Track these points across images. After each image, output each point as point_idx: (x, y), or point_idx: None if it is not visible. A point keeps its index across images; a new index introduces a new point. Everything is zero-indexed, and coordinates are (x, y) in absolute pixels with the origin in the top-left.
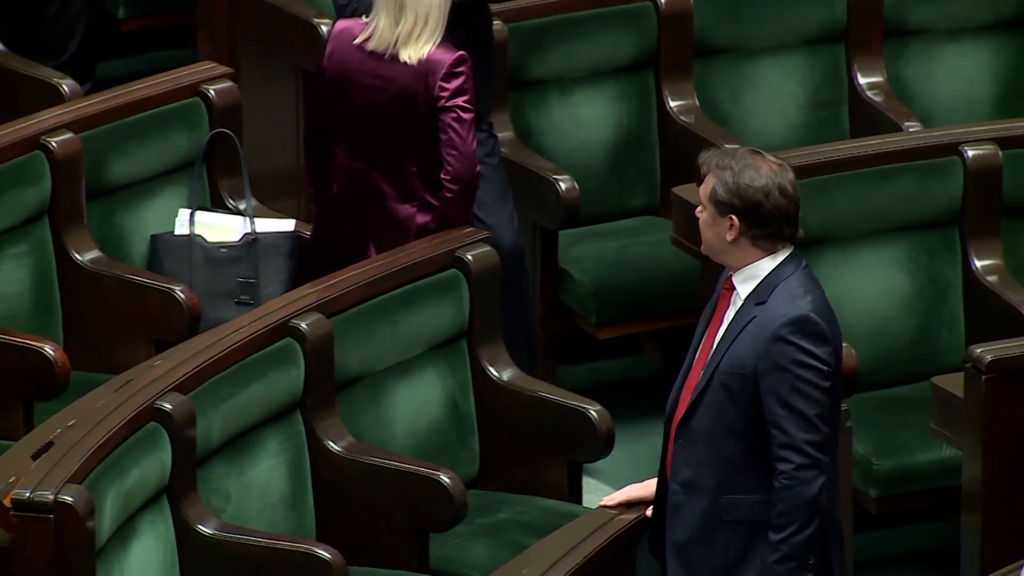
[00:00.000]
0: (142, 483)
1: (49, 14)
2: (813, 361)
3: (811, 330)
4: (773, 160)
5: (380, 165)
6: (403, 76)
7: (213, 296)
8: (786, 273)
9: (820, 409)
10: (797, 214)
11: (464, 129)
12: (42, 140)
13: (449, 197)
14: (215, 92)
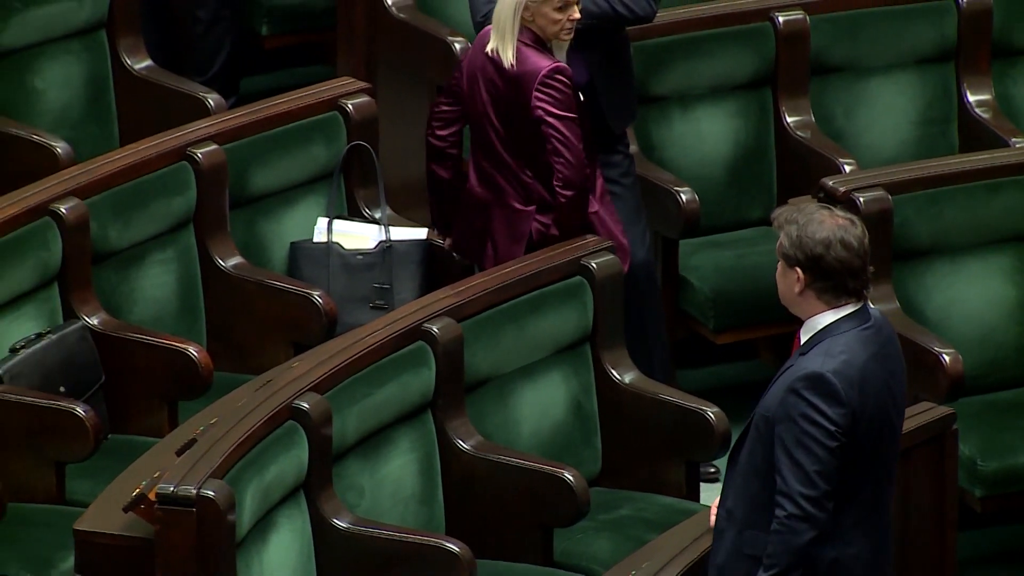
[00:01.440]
0: (280, 479)
1: (196, 33)
2: (820, 419)
3: (824, 390)
4: (841, 215)
5: (501, 166)
6: (507, 84)
7: (349, 301)
8: (841, 329)
9: (820, 466)
10: (864, 269)
11: (567, 138)
12: (188, 151)
13: (563, 203)
14: (353, 106)
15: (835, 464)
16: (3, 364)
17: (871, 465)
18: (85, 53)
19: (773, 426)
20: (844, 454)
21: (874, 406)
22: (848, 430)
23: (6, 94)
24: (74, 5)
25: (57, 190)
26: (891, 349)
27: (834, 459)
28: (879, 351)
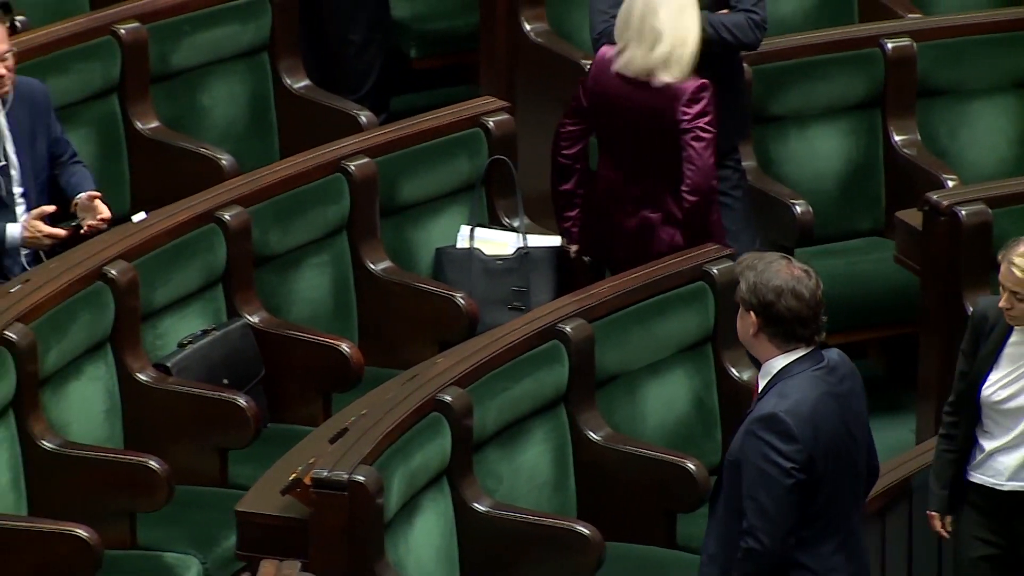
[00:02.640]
0: (425, 466)
1: (350, 55)
2: (776, 456)
3: (778, 428)
4: (798, 267)
5: (633, 177)
6: (653, 100)
7: (489, 303)
8: (793, 372)
9: (778, 502)
10: (814, 318)
11: (702, 147)
12: (342, 164)
13: (689, 208)
14: (494, 123)
15: (793, 499)
16: (172, 358)
17: (835, 494)
18: (249, 73)
19: (739, 468)
20: (805, 488)
21: (829, 440)
22: (805, 465)
23: (177, 111)
24: (239, 29)
25: (222, 199)
26: (846, 387)
27: (792, 494)
28: (832, 390)
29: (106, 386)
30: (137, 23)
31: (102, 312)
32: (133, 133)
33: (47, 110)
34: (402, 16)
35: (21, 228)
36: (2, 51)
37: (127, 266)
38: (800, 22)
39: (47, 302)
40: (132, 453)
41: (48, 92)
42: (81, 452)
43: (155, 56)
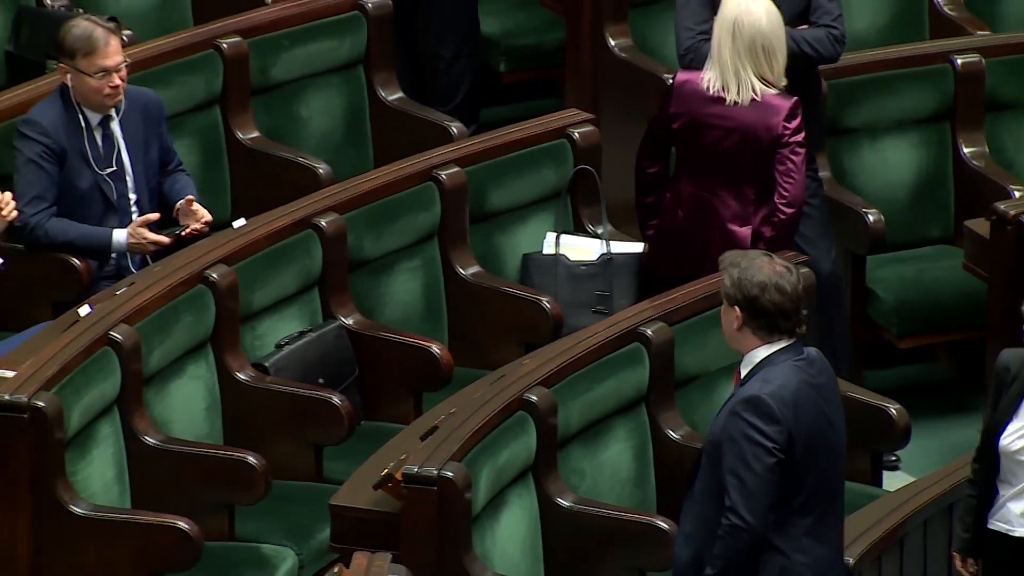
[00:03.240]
0: (511, 462)
1: (440, 68)
2: (759, 436)
3: (762, 410)
4: (781, 263)
5: (722, 193)
6: (748, 117)
7: (574, 306)
8: (775, 362)
9: (760, 479)
10: (795, 311)
11: (799, 162)
12: (434, 173)
13: (782, 219)
14: (579, 135)
15: (774, 478)
16: (270, 358)
17: (811, 480)
18: (345, 86)
19: (720, 448)
20: (784, 469)
21: (809, 425)
22: (785, 446)
23: (276, 121)
24: (335, 44)
25: (319, 206)
26: (823, 380)
27: (773, 473)
28: (810, 380)
29: (207, 385)
30: (239, 38)
31: (204, 314)
32: (234, 143)
33: (159, 119)
34: (492, 32)
35: (127, 234)
36: (117, 62)
37: (228, 270)
38: (874, 38)
39: (151, 304)
40: (231, 449)
41: (161, 102)
42: (182, 448)
43: (255, 69)
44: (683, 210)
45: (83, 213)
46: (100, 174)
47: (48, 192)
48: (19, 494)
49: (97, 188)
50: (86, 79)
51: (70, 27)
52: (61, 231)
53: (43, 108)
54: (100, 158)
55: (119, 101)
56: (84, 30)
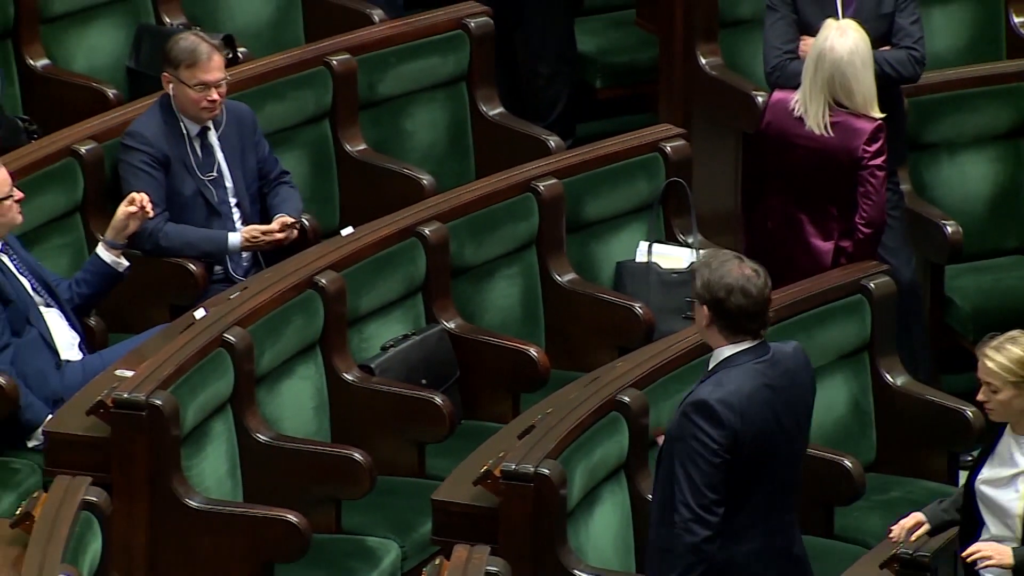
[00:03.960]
0: (604, 460)
1: (539, 85)
2: (704, 438)
3: (708, 414)
4: (750, 266)
5: (807, 209)
6: (832, 140)
7: (665, 312)
8: (736, 362)
9: (706, 478)
10: (760, 314)
11: (879, 183)
12: (532, 184)
13: (861, 238)
14: (671, 148)
15: (720, 476)
16: (375, 360)
17: (761, 477)
18: (448, 101)
19: (673, 445)
20: (729, 468)
21: (759, 427)
22: (730, 448)
23: (383, 134)
24: (439, 61)
25: (423, 215)
26: (785, 382)
27: (718, 472)
28: (768, 382)
29: (315, 385)
30: (348, 55)
31: (313, 317)
32: (342, 155)
33: (254, 130)
34: (588, 50)
35: (240, 235)
36: (217, 78)
37: (336, 276)
38: (953, 58)
39: (263, 308)
40: (338, 446)
41: (255, 114)
42: (292, 444)
43: (363, 85)
44: (771, 222)
45: (188, 218)
46: (202, 180)
47: (159, 198)
48: (137, 488)
49: (199, 194)
50: (186, 90)
51: (178, 39)
52: (179, 234)
53: (145, 120)
54: (201, 165)
55: (215, 115)
56: (190, 43)
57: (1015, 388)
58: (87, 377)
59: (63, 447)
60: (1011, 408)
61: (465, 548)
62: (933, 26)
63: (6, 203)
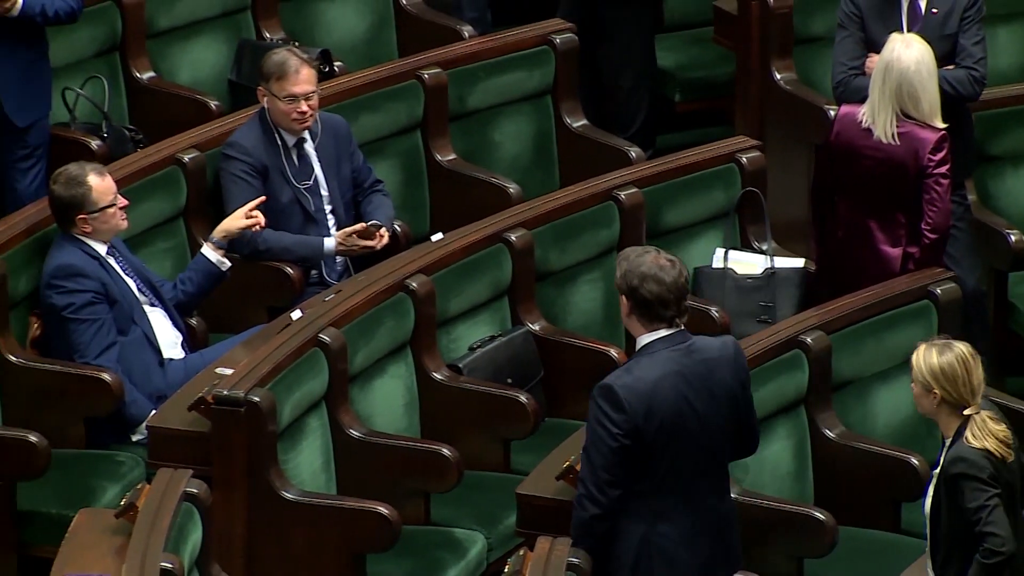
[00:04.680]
0: None
1: (621, 98)
2: (606, 422)
3: (609, 398)
4: (665, 257)
5: (876, 217)
6: (896, 149)
7: (740, 315)
8: (652, 349)
9: (603, 459)
10: (675, 302)
11: (943, 191)
12: (614, 193)
13: (927, 243)
14: (746, 159)
15: (617, 459)
16: (463, 360)
17: (676, 461)
18: (534, 113)
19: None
20: (630, 451)
21: (666, 413)
22: (630, 432)
23: (471, 144)
24: (526, 75)
25: (509, 222)
26: (704, 369)
27: (615, 455)
28: (682, 369)
29: (406, 383)
30: (439, 69)
31: (403, 319)
32: (433, 164)
33: (349, 140)
34: (667, 65)
35: (334, 241)
36: (306, 91)
37: (426, 279)
38: (1016, 74)
39: (356, 309)
40: (427, 442)
41: (348, 125)
42: (383, 440)
43: (453, 97)
44: (841, 231)
45: (285, 224)
46: (298, 188)
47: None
48: (235, 481)
49: (296, 202)
50: (277, 102)
51: (270, 55)
52: (277, 239)
53: (244, 131)
54: (297, 174)
55: (307, 126)
56: (280, 57)
57: (922, 389)
58: (189, 375)
59: (165, 441)
60: (922, 405)
61: (548, 540)
62: (998, 43)
63: (110, 210)
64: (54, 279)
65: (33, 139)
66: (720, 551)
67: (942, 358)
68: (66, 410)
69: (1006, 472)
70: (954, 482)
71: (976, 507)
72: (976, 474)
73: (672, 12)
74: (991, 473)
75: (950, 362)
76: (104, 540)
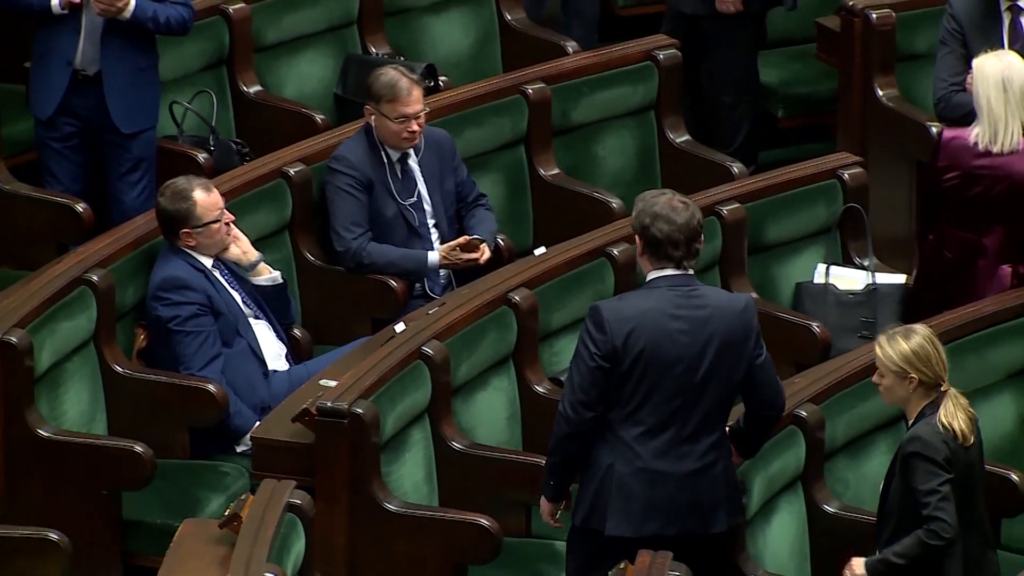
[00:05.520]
0: (782, 471)
1: (723, 113)
2: (587, 340)
3: (595, 318)
4: (679, 199)
5: (990, 236)
6: (1015, 165)
7: (841, 331)
8: (654, 284)
9: (580, 378)
10: (686, 243)
11: None
12: (716, 208)
13: None
14: (848, 176)
15: (592, 379)
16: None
17: (651, 395)
18: (637, 128)
19: None
20: (606, 375)
21: (647, 343)
22: (608, 355)
23: (575, 159)
24: (630, 90)
25: (612, 236)
26: (703, 314)
27: (591, 374)
28: (675, 311)
29: (508, 396)
30: (543, 84)
31: (506, 332)
32: (536, 178)
33: (452, 155)
34: (770, 81)
35: (438, 254)
36: (417, 111)
37: (529, 293)
38: None
39: (460, 323)
40: (529, 454)
41: (453, 140)
42: (486, 452)
43: (557, 112)
44: (949, 251)
45: (389, 238)
46: (403, 203)
47: (363, 219)
48: (339, 492)
49: (400, 216)
50: (387, 122)
51: (379, 74)
52: (381, 253)
53: (349, 145)
54: (401, 190)
55: (415, 144)
56: (391, 78)
57: (896, 377)
58: (293, 386)
59: (269, 452)
60: (894, 394)
61: (648, 554)
62: None
63: (214, 226)
64: (160, 291)
65: (139, 150)
66: (687, 500)
67: (910, 342)
68: (171, 421)
69: (964, 455)
70: (908, 460)
71: (927, 490)
72: (931, 455)
73: (775, 28)
74: (946, 456)
75: (920, 343)
76: (208, 550)
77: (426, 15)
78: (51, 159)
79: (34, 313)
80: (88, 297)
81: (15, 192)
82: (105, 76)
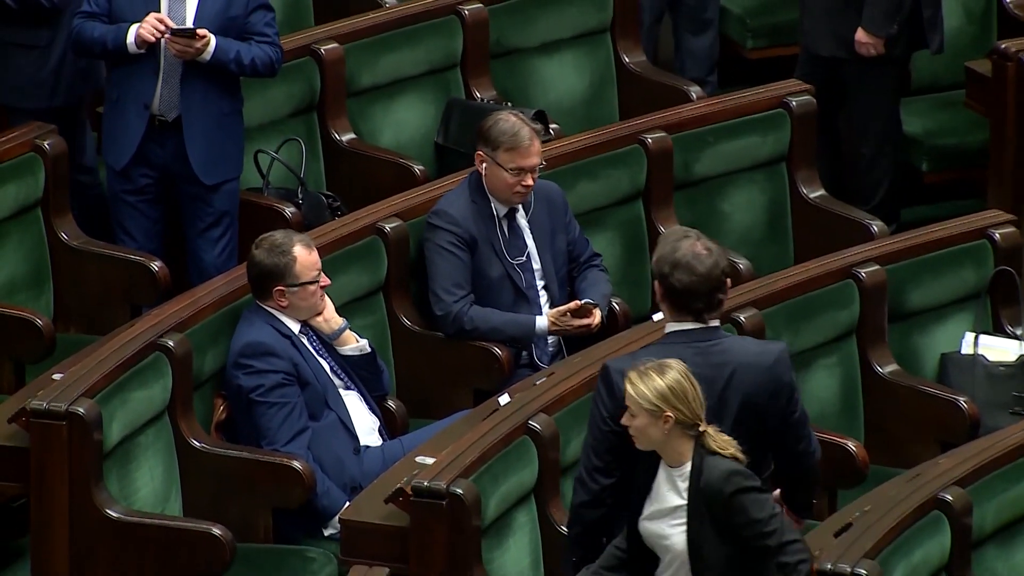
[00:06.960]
0: (926, 561)
1: (862, 167)
2: (599, 404)
3: (607, 380)
4: (704, 245)
5: None
6: None
7: (991, 406)
8: (671, 340)
9: (596, 444)
10: (707, 295)
11: None
12: (854, 271)
13: None
14: (1000, 235)
15: (606, 444)
16: None
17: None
18: (767, 182)
19: None
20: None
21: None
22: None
23: (698, 215)
24: (759, 140)
25: (738, 300)
26: (718, 373)
27: (605, 439)
28: (692, 368)
29: None
30: (663, 132)
31: None
32: (656, 237)
33: (564, 210)
34: (914, 131)
35: (547, 320)
36: (534, 164)
37: None
38: None
39: (570, 394)
40: None
41: (563, 194)
42: None
43: (679, 164)
44: None
45: (494, 301)
46: (510, 263)
47: (465, 280)
48: None
49: (507, 277)
50: (501, 172)
51: (498, 119)
52: (485, 318)
53: (452, 198)
54: (508, 248)
55: (525, 199)
56: (512, 125)
57: (650, 417)
58: (387, 463)
59: (360, 536)
60: (648, 436)
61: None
62: None
63: (311, 287)
64: (242, 358)
65: (221, 203)
66: None
67: (666, 378)
68: (253, 501)
69: None
70: (732, 500)
71: (767, 516)
72: (754, 484)
73: (920, 73)
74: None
75: (676, 379)
76: None
77: (536, 56)
78: (124, 214)
79: (104, 381)
80: (163, 364)
81: (85, 249)
82: (185, 122)
